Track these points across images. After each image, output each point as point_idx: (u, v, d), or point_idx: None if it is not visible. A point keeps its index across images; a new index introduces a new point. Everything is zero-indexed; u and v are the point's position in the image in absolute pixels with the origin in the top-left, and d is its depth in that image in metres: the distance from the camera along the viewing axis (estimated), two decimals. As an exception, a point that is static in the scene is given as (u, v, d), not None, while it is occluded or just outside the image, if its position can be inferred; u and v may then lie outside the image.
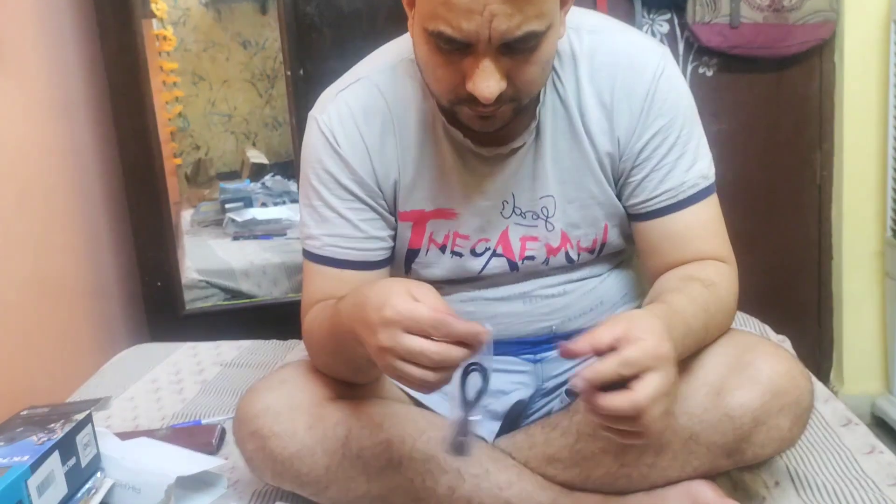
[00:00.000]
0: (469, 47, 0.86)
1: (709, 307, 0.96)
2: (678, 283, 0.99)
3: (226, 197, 2.96)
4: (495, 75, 0.87)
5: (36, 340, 1.57)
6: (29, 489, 0.98)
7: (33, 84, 1.65)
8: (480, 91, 0.87)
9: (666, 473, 1.00)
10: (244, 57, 3.33)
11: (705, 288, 0.97)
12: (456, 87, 0.91)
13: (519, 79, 0.90)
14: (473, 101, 0.90)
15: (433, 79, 0.94)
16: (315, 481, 1.01)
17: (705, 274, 1.00)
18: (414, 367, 0.80)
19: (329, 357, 1.03)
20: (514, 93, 0.91)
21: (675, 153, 1.03)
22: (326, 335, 0.99)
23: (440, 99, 0.96)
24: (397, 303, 0.81)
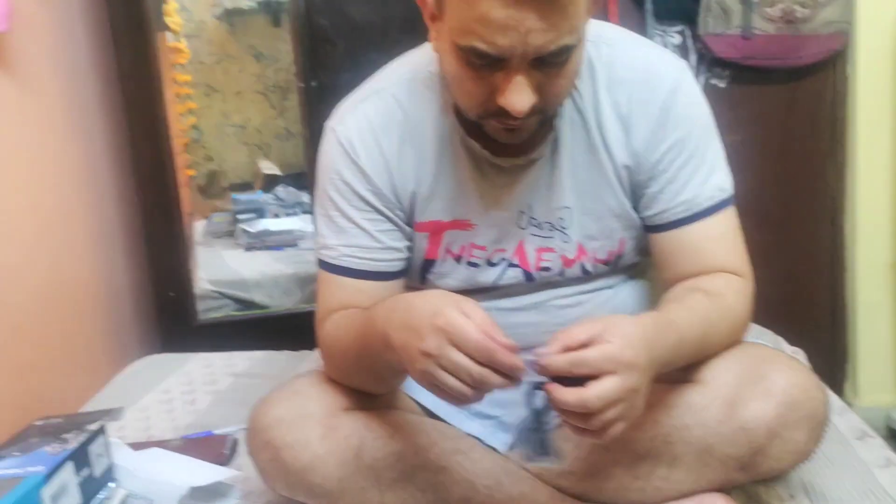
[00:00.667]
0: (501, 62, 0.86)
1: (709, 316, 0.96)
2: (680, 294, 1.00)
3: (238, 208, 2.97)
4: (527, 90, 0.88)
5: (50, 350, 1.58)
6: (43, 499, 0.99)
7: (49, 96, 1.67)
8: (513, 105, 0.88)
9: (680, 486, 1.00)
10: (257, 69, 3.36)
11: (708, 298, 0.98)
12: (486, 102, 0.91)
13: (548, 92, 0.90)
14: (503, 115, 0.90)
15: (462, 92, 0.94)
16: (328, 492, 1.01)
17: (711, 285, 1.00)
18: (452, 377, 0.81)
19: (351, 364, 1.02)
20: (543, 105, 0.91)
21: (691, 165, 1.03)
22: (351, 342, 0.99)
23: (468, 112, 0.97)
24: (450, 314, 0.82)
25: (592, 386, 0.78)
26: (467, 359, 0.80)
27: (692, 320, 0.94)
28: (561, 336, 0.82)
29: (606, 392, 0.79)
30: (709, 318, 0.96)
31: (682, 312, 0.94)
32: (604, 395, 0.79)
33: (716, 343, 0.99)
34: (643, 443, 0.99)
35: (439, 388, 0.83)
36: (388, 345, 0.88)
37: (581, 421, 0.81)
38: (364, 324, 0.96)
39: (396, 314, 0.88)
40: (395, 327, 0.87)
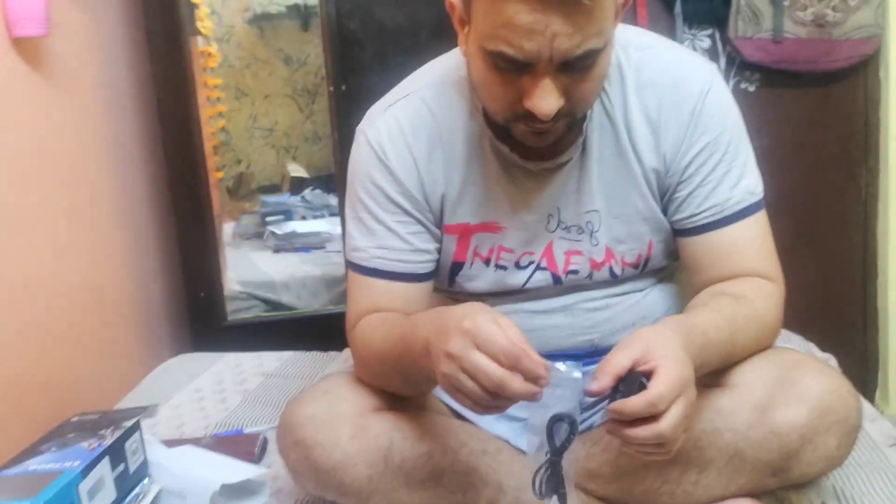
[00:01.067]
0: (528, 66, 0.87)
1: (735, 319, 0.96)
2: (706, 298, 1.00)
3: (266, 210, 3.00)
4: (554, 93, 0.88)
5: (85, 348, 1.61)
6: (80, 494, 1.00)
7: (85, 100, 1.70)
8: (539, 109, 0.88)
9: (710, 491, 0.99)
10: (286, 72, 3.39)
11: (735, 302, 0.98)
12: (513, 105, 0.92)
13: (575, 95, 0.91)
14: (530, 118, 0.91)
15: (489, 96, 0.95)
16: (357, 491, 1.01)
17: (739, 289, 1.00)
18: (471, 381, 0.81)
19: (387, 369, 1.02)
20: (570, 109, 0.92)
21: (720, 169, 1.03)
22: (390, 347, 0.99)
23: (496, 116, 0.97)
24: (479, 319, 0.82)
25: (666, 418, 0.79)
26: (488, 361, 0.80)
27: (718, 324, 0.94)
28: (607, 368, 0.83)
29: (678, 417, 0.80)
30: (735, 323, 0.96)
31: (708, 317, 0.94)
32: (676, 422, 0.80)
33: (743, 348, 0.99)
34: (673, 447, 0.98)
35: (459, 391, 0.83)
36: (426, 350, 0.88)
37: (655, 449, 0.82)
38: (405, 331, 0.96)
39: (436, 318, 0.89)
40: (431, 332, 0.88)
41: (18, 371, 1.36)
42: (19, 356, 1.37)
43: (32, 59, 1.46)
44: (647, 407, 0.79)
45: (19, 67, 1.42)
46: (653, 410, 0.79)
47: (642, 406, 0.79)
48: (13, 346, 1.35)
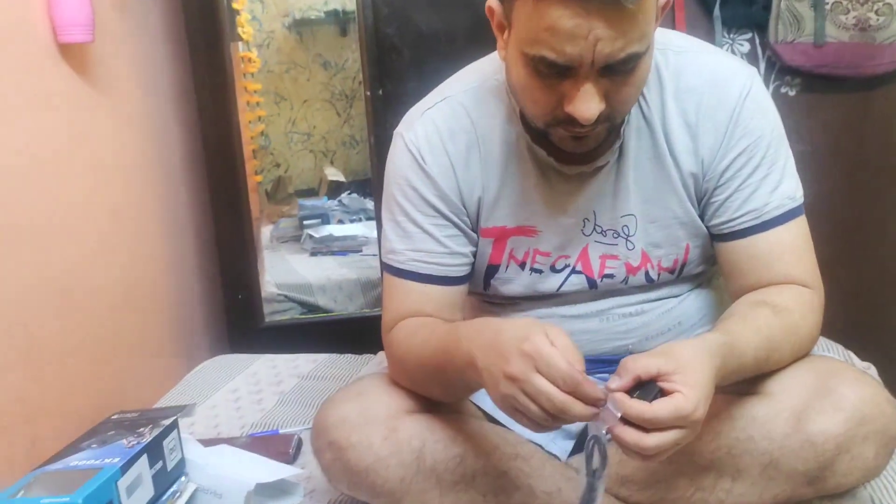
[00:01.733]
0: (569, 70, 0.87)
1: (774, 336, 0.95)
2: (745, 310, 0.98)
3: (304, 213, 3.03)
4: (595, 98, 0.88)
5: (126, 348, 1.64)
6: (119, 490, 1.02)
7: (128, 104, 1.74)
8: (581, 113, 0.88)
9: (744, 499, 0.98)
10: (324, 77, 3.43)
11: (774, 315, 0.96)
12: (553, 110, 0.92)
13: (616, 99, 0.91)
14: (570, 123, 0.91)
15: (530, 101, 0.95)
16: (389, 493, 1.02)
17: (780, 299, 0.99)
18: (533, 404, 0.82)
19: (426, 376, 1.03)
20: (611, 113, 0.92)
21: (759, 173, 1.02)
22: (430, 355, 0.99)
23: (535, 121, 0.97)
24: (538, 341, 0.82)
25: (654, 436, 0.79)
26: (550, 386, 0.80)
27: (757, 342, 0.92)
28: (631, 367, 0.82)
29: (665, 444, 0.80)
30: (773, 338, 0.95)
31: (747, 333, 0.92)
32: (662, 446, 0.80)
33: (777, 362, 0.98)
34: (706, 454, 0.98)
35: (519, 412, 0.84)
36: (471, 364, 0.89)
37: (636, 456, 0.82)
38: (446, 339, 0.97)
39: (484, 336, 0.88)
40: (480, 348, 0.88)
41: (62, 370, 1.39)
42: (63, 355, 1.40)
43: (78, 65, 1.49)
44: (643, 420, 0.79)
45: (66, 72, 1.46)
46: (646, 425, 0.79)
47: (639, 415, 0.79)
48: (57, 345, 1.38)
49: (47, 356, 1.35)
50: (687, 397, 0.79)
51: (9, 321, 1.26)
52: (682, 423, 0.79)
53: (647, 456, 0.81)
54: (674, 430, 0.79)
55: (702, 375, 0.82)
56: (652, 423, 0.79)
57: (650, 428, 0.79)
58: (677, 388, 0.80)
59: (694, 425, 0.80)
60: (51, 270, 1.38)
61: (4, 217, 1.27)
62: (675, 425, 0.79)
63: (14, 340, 1.27)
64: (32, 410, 1.30)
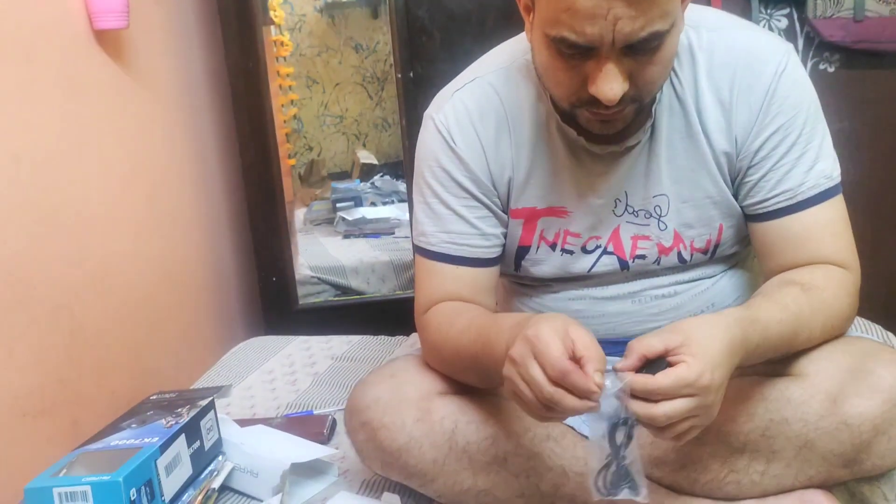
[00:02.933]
0: (591, 51, 0.87)
1: (802, 312, 0.93)
2: (773, 288, 0.97)
3: (337, 196, 3.04)
4: (618, 78, 0.87)
5: (164, 331, 1.67)
6: (158, 469, 1.05)
7: (163, 89, 1.76)
8: (604, 94, 0.88)
9: (778, 481, 0.98)
10: (356, 60, 3.42)
11: (803, 292, 0.95)
12: (577, 91, 0.91)
13: (641, 79, 0.90)
14: (595, 104, 0.90)
15: (554, 83, 0.94)
16: (422, 473, 1.03)
17: (809, 278, 0.97)
18: (528, 389, 0.83)
19: (464, 363, 1.03)
20: (636, 93, 0.91)
21: (795, 152, 1.00)
22: (469, 343, 1.00)
23: (561, 103, 0.97)
24: (543, 328, 0.83)
25: (662, 405, 0.80)
26: (542, 375, 0.81)
27: (781, 318, 0.91)
28: (637, 346, 0.83)
29: (675, 412, 0.80)
30: (801, 315, 0.93)
31: (772, 310, 0.91)
32: (672, 414, 0.80)
33: (807, 340, 0.96)
34: (739, 436, 0.97)
35: (517, 397, 0.85)
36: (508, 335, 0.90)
37: (652, 431, 0.82)
38: (486, 330, 0.97)
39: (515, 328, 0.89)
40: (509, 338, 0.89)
41: (102, 352, 1.42)
42: (103, 338, 1.43)
43: (113, 51, 1.51)
44: (647, 392, 0.80)
45: (101, 58, 1.48)
46: (651, 396, 0.80)
47: (643, 387, 0.80)
48: (98, 328, 1.41)
49: (88, 339, 1.38)
50: (690, 365, 0.79)
51: (53, 304, 1.29)
52: (689, 391, 0.79)
53: (661, 428, 0.81)
54: (682, 398, 0.79)
55: (709, 345, 0.82)
56: (656, 394, 0.79)
57: (657, 399, 0.79)
58: (682, 359, 0.80)
59: (703, 392, 0.80)
60: (90, 255, 1.41)
61: (46, 202, 1.29)
62: (680, 393, 0.79)
63: (58, 323, 1.30)
64: (74, 392, 1.33)
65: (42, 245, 1.28)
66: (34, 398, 1.24)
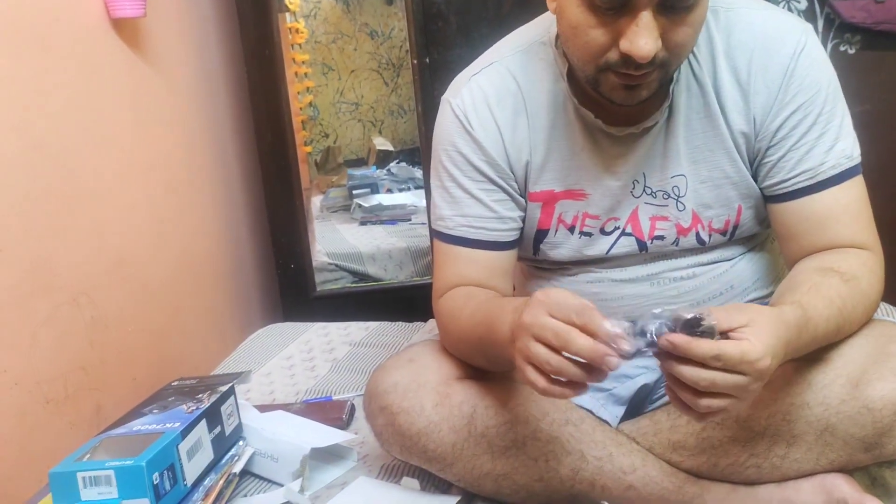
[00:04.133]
0: (627, 5, 0.85)
1: (845, 307, 0.92)
2: (816, 277, 0.95)
3: (353, 183, 3.05)
4: (654, 33, 0.86)
5: (184, 317, 1.68)
6: (180, 453, 1.06)
7: (180, 77, 1.76)
8: (638, 49, 0.86)
9: (799, 465, 0.97)
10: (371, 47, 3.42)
11: (845, 283, 0.94)
12: (607, 51, 0.90)
13: (673, 41, 0.88)
14: (624, 64, 0.89)
15: (582, 44, 0.92)
16: (441, 457, 1.04)
17: (847, 266, 0.96)
18: (540, 347, 0.82)
19: (470, 346, 1.04)
20: (666, 57, 0.89)
21: (815, 132, 0.99)
22: (474, 326, 1.00)
23: (586, 67, 0.94)
24: (553, 291, 0.83)
25: (712, 372, 0.77)
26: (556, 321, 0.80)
27: (829, 315, 0.90)
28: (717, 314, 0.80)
29: (723, 382, 0.78)
30: (845, 309, 0.92)
31: (820, 306, 0.90)
32: (718, 383, 0.78)
33: (848, 331, 0.96)
34: (760, 420, 0.97)
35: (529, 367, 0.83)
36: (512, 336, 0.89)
37: (687, 394, 0.80)
38: (492, 313, 0.97)
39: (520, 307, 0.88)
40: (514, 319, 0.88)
41: (123, 339, 1.44)
42: (124, 325, 1.44)
43: (130, 39, 1.52)
44: (712, 357, 0.77)
45: (118, 47, 1.49)
46: (710, 362, 0.77)
47: (707, 351, 0.77)
48: (119, 316, 1.43)
49: (109, 326, 1.39)
50: (754, 345, 0.78)
51: (74, 292, 1.30)
52: (747, 369, 0.78)
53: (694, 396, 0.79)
54: (734, 374, 0.78)
55: (773, 333, 0.80)
56: (717, 360, 0.77)
57: (716, 367, 0.77)
58: (746, 338, 0.78)
59: (757, 375, 0.78)
60: (111, 243, 1.42)
61: (66, 190, 1.30)
62: (737, 368, 0.77)
63: (79, 310, 1.31)
64: (96, 378, 1.35)
65: (63, 233, 1.29)
66: (57, 384, 1.25)
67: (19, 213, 1.19)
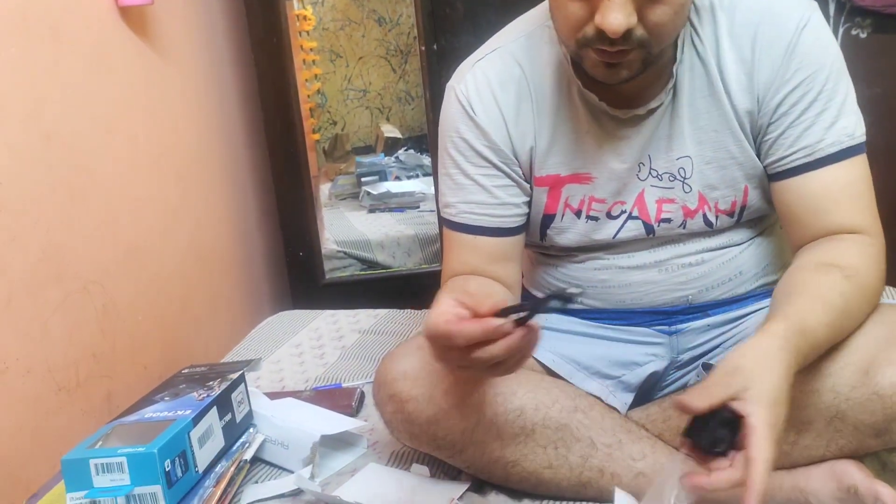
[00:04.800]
0: None
1: (848, 306, 0.91)
2: (813, 279, 0.94)
3: (361, 171, 3.04)
4: (625, 8, 0.85)
5: (194, 305, 1.69)
6: (191, 440, 1.06)
7: (188, 65, 1.76)
8: (609, 23, 0.86)
9: (809, 452, 0.97)
10: (379, 33, 3.41)
11: (846, 280, 0.92)
12: (584, 26, 0.90)
13: (649, 19, 0.88)
14: (600, 40, 0.89)
15: (562, 17, 0.92)
16: (451, 444, 1.04)
17: (847, 259, 0.95)
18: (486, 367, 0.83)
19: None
20: (643, 35, 0.89)
21: (815, 108, 0.99)
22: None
23: (567, 43, 0.95)
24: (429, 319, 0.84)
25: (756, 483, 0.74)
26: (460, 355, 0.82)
27: (829, 320, 0.89)
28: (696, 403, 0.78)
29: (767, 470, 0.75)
30: (847, 308, 0.91)
31: (817, 312, 0.88)
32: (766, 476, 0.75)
33: (852, 328, 0.94)
34: (770, 407, 0.96)
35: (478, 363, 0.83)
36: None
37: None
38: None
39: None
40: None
41: (134, 327, 1.45)
42: (135, 313, 1.45)
43: (138, 27, 1.52)
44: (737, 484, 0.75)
45: (127, 35, 1.49)
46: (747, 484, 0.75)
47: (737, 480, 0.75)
48: (129, 304, 1.43)
49: (120, 314, 1.40)
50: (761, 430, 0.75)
51: (85, 280, 1.31)
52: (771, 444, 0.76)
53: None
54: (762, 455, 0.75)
55: (772, 379, 0.79)
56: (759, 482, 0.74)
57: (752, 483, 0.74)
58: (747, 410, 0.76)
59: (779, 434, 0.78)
60: (121, 232, 1.43)
61: (76, 179, 1.31)
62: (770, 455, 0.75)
63: (90, 299, 1.32)
64: (107, 365, 1.36)
65: (73, 222, 1.29)
66: (69, 372, 1.26)
67: (31, 203, 1.20)
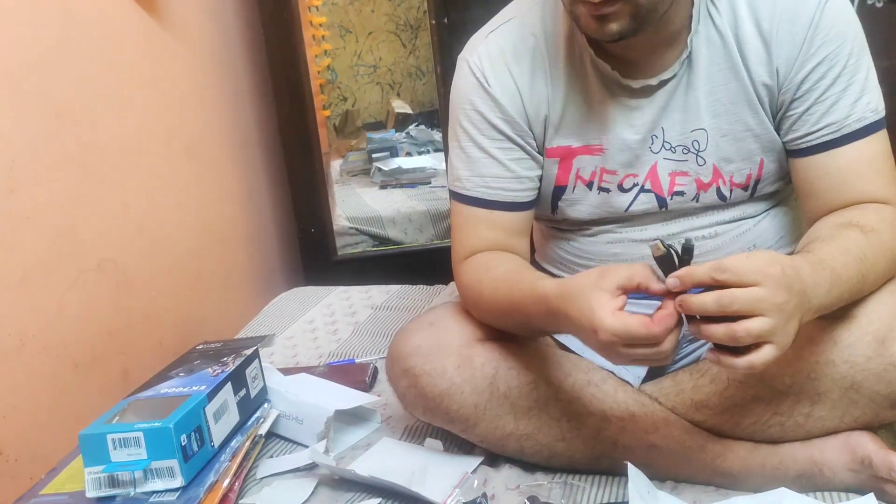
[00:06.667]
0: None
1: (866, 255, 0.91)
2: (831, 231, 0.94)
3: (372, 147, 3.03)
4: None
5: (207, 282, 1.70)
6: (207, 415, 1.07)
7: (198, 44, 1.75)
8: None
9: (823, 423, 0.97)
10: (389, 8, 3.38)
11: (863, 235, 0.92)
12: None
13: None
14: None
15: None
16: (464, 419, 1.04)
17: (865, 220, 0.95)
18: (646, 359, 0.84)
19: (499, 315, 1.03)
20: None
21: (840, 84, 0.98)
22: (503, 297, 1.00)
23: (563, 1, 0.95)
24: (608, 324, 0.82)
25: (741, 322, 0.78)
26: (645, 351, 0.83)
27: (847, 260, 0.89)
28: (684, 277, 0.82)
29: (756, 329, 0.78)
30: (865, 258, 0.91)
31: (836, 253, 0.89)
32: (752, 331, 0.78)
33: (872, 284, 0.94)
34: (784, 379, 0.96)
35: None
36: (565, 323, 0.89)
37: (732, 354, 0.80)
38: (523, 288, 0.97)
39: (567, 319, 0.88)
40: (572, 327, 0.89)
41: (148, 303, 1.46)
42: (149, 290, 1.46)
43: (149, 5, 1.51)
44: (716, 305, 0.78)
45: (137, 13, 1.48)
46: (723, 310, 0.78)
47: (711, 304, 0.78)
48: (143, 280, 1.44)
49: (135, 291, 1.41)
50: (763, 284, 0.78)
51: (99, 257, 1.32)
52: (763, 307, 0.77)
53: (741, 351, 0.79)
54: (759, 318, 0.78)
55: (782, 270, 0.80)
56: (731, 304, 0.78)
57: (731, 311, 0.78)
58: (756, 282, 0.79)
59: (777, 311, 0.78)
60: (133, 209, 1.43)
61: (88, 157, 1.31)
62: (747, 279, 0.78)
63: (105, 276, 1.33)
64: (123, 342, 1.37)
65: (86, 199, 1.30)
66: (85, 348, 1.27)
67: (44, 182, 1.20)
